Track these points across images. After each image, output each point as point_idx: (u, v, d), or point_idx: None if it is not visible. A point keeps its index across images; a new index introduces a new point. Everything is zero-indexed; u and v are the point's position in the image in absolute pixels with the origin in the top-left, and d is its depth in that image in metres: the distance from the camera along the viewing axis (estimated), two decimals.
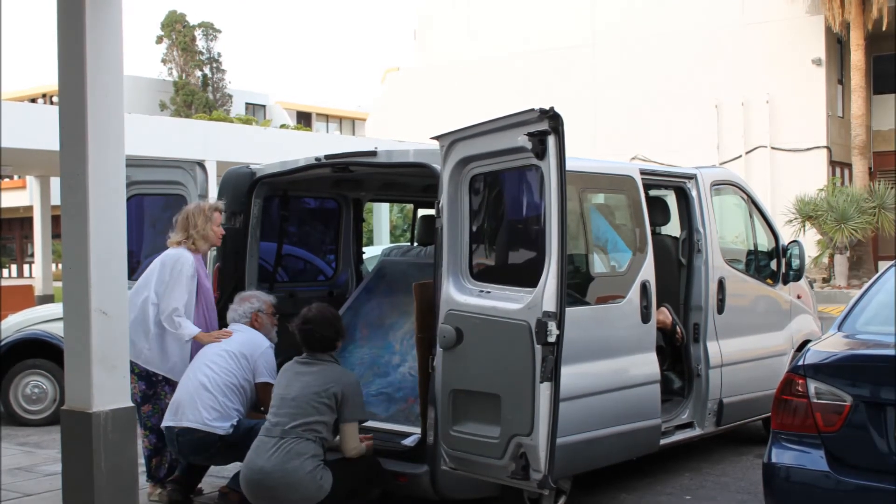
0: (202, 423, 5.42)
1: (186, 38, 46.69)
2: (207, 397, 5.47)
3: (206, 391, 5.48)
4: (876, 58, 26.78)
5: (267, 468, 4.98)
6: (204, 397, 5.46)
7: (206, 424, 5.42)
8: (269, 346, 5.81)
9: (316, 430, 5.05)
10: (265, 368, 5.67)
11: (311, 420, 5.05)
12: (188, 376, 5.63)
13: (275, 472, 4.97)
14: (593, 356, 5.62)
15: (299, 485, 4.95)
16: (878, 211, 21.91)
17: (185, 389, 5.57)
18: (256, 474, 5.03)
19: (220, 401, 5.47)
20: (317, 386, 5.10)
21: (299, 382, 5.16)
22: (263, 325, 5.91)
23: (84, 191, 4.94)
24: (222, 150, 20.29)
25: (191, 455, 5.57)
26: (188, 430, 5.44)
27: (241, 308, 5.92)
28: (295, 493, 4.96)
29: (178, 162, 6.80)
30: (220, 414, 5.46)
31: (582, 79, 28.57)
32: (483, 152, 4.94)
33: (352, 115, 55.03)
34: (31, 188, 28.94)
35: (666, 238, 7.06)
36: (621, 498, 6.16)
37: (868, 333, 4.39)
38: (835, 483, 3.93)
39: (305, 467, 4.96)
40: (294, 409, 5.07)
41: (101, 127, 4.98)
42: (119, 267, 5.12)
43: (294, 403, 5.09)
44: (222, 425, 5.45)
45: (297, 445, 4.99)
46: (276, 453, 4.99)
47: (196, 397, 5.48)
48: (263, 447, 5.06)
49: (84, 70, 4.93)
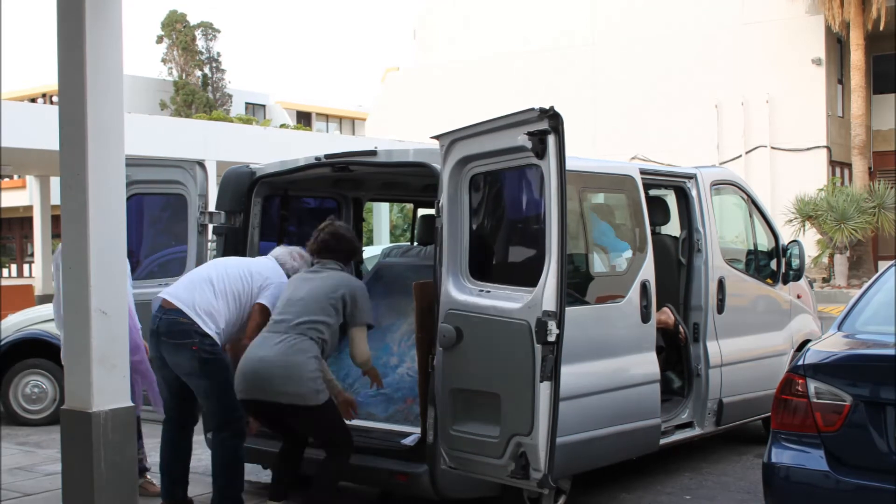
0: (192, 309, 5.31)
1: (186, 37, 46.68)
2: (208, 291, 5.37)
3: (209, 286, 5.39)
4: (876, 57, 26.79)
5: (269, 357, 5.01)
6: (204, 290, 5.37)
7: (195, 312, 5.30)
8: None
9: (319, 331, 5.09)
10: (272, 295, 5.47)
11: (317, 319, 5.10)
12: (198, 269, 5.58)
13: (276, 361, 4.99)
14: (593, 356, 5.62)
15: (299, 380, 4.97)
16: (877, 211, 21.91)
17: (190, 278, 5.50)
18: (256, 363, 5.04)
19: (217, 302, 5.36)
20: (326, 288, 5.19)
21: (308, 286, 5.24)
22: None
23: (84, 191, 4.94)
24: (222, 149, 20.30)
25: (164, 337, 5.34)
26: (175, 310, 5.32)
27: (294, 263, 5.73)
28: (292, 386, 4.97)
29: (177, 161, 6.80)
30: (210, 313, 5.33)
31: (582, 79, 28.57)
32: (483, 152, 4.94)
33: (352, 114, 55.02)
34: (31, 188, 28.96)
35: (666, 238, 7.06)
36: (621, 497, 6.16)
37: (868, 333, 4.39)
38: (834, 483, 3.93)
39: (309, 366, 5.00)
40: (301, 308, 5.14)
41: (101, 127, 4.98)
42: (119, 267, 5.12)
43: (302, 303, 5.15)
44: (208, 323, 5.32)
45: (301, 343, 5.04)
46: (279, 345, 5.03)
47: (196, 287, 5.39)
48: (267, 341, 5.10)
49: (84, 70, 4.93)
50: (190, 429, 5.70)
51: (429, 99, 30.80)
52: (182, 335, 5.29)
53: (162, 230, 6.86)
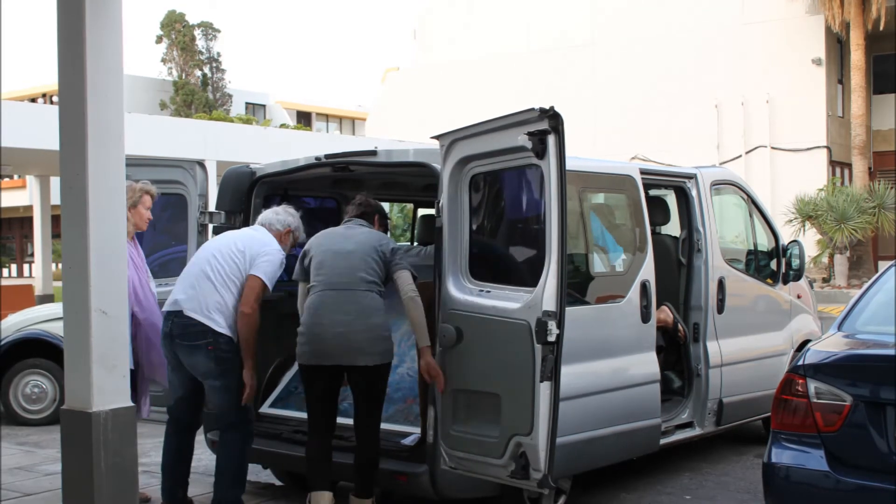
0: (201, 312, 5.26)
1: (186, 37, 46.71)
2: (207, 287, 5.30)
3: (208, 281, 5.32)
4: (876, 57, 26.79)
5: (350, 321, 5.01)
6: (204, 286, 5.31)
7: (205, 315, 5.25)
8: (282, 255, 5.50)
9: (378, 285, 5.15)
10: (268, 265, 5.34)
11: (372, 274, 5.14)
12: (191, 265, 5.47)
13: (357, 322, 5.01)
14: (593, 356, 5.62)
15: (379, 342, 5.04)
16: (877, 211, 21.92)
17: (188, 279, 5.38)
18: (340, 326, 5.01)
19: (221, 294, 5.31)
20: (373, 241, 5.26)
21: (353, 239, 5.28)
22: (286, 245, 5.64)
23: (84, 191, 4.93)
24: (222, 149, 20.31)
25: (178, 339, 5.31)
26: (184, 316, 5.28)
27: (278, 217, 5.66)
28: (378, 345, 5.03)
29: (178, 161, 6.79)
30: (219, 309, 5.28)
31: (582, 79, 28.57)
32: (483, 152, 4.94)
33: (352, 114, 55.03)
34: (31, 188, 28.96)
35: (666, 238, 7.06)
36: (621, 497, 6.16)
37: (868, 333, 4.38)
38: (835, 483, 3.93)
39: (385, 327, 5.08)
40: (356, 262, 5.15)
41: (101, 127, 4.97)
42: (119, 267, 5.11)
43: (354, 256, 5.17)
44: (219, 322, 5.28)
45: (372, 301, 5.08)
46: (354, 306, 5.03)
47: (197, 287, 5.31)
48: (336, 301, 5.07)
49: (84, 70, 4.92)
50: (195, 431, 5.71)
51: (429, 99, 30.79)
52: (197, 336, 5.29)
53: (162, 230, 6.85)
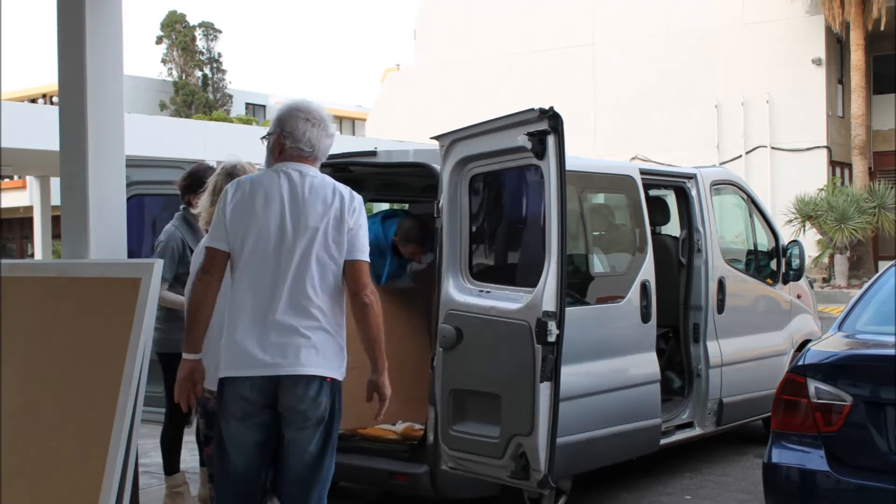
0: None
1: (186, 38, 46.72)
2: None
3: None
4: (876, 57, 26.78)
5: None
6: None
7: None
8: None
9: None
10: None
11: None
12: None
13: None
14: (593, 356, 5.62)
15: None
16: (878, 211, 21.91)
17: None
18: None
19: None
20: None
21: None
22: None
23: (84, 191, 4.93)
24: (222, 150, 20.30)
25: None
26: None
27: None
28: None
29: (178, 162, 6.80)
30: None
31: (582, 79, 28.56)
32: (483, 152, 4.94)
33: (352, 114, 55.00)
34: (31, 188, 28.98)
35: (666, 238, 7.06)
36: (621, 497, 6.16)
37: (868, 333, 4.39)
38: (835, 483, 3.93)
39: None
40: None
41: (101, 127, 4.97)
42: None
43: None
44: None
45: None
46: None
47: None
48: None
49: (84, 70, 4.92)
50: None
51: (429, 99, 30.79)
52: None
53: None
